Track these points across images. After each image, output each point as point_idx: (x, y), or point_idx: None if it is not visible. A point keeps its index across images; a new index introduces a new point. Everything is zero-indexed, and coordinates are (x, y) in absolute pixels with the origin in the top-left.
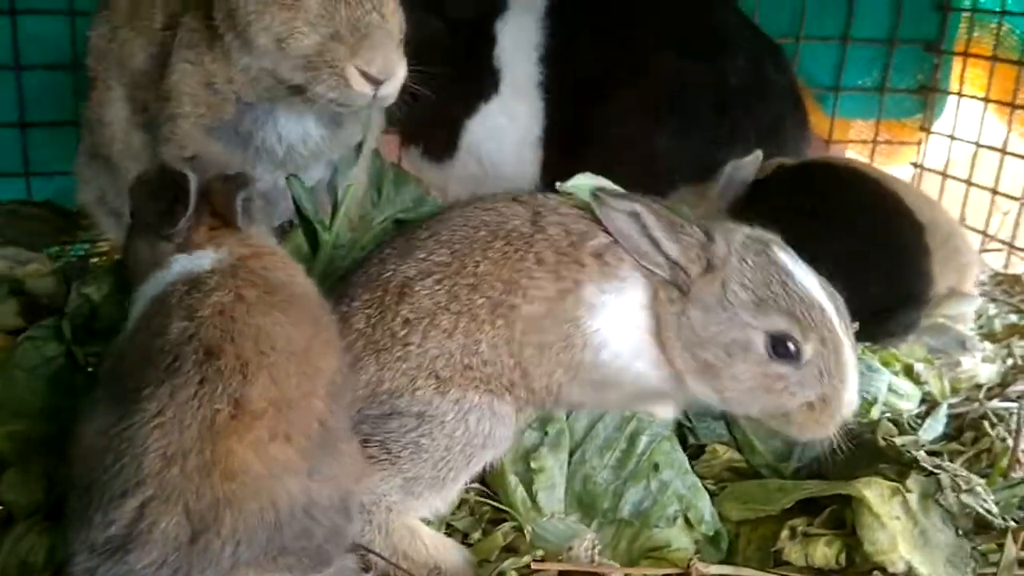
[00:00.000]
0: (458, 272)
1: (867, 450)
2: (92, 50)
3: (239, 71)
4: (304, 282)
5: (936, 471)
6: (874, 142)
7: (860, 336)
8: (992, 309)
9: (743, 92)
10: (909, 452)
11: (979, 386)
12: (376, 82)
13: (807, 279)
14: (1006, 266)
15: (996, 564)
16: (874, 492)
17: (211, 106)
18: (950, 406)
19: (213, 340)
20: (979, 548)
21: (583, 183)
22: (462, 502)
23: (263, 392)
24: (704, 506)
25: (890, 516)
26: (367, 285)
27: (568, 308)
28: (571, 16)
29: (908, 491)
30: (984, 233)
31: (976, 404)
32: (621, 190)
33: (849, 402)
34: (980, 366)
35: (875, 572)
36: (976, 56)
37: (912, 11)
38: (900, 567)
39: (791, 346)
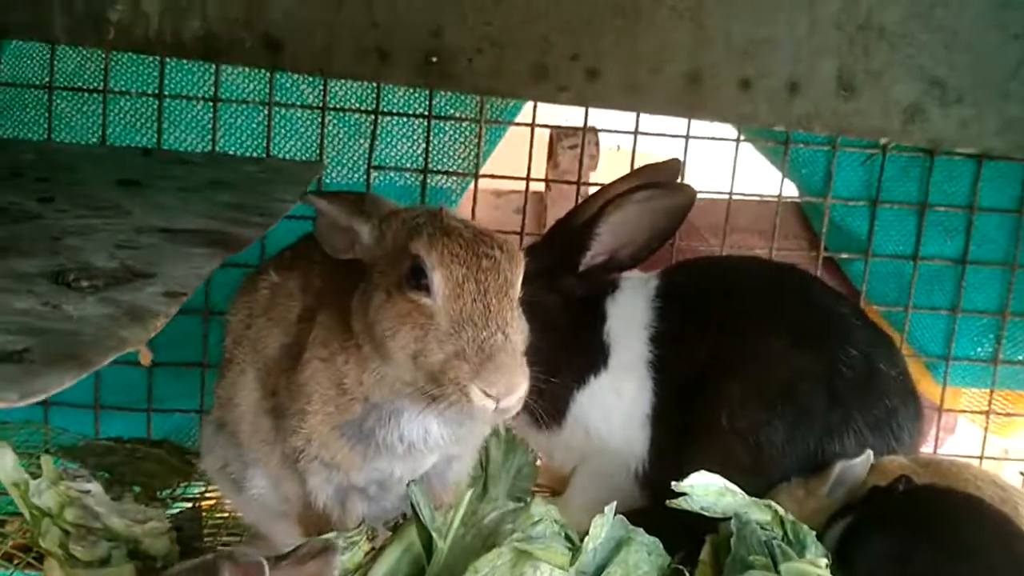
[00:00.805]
0: None
1: None
2: (230, 332)
3: (372, 376)
4: None
5: None
6: (988, 412)
7: None
8: None
9: (855, 383)
10: None
11: None
12: (497, 400)
13: None
14: None
15: None
16: None
17: (339, 406)
18: None
19: None
20: None
21: (700, 483)
22: None
23: None
24: None
25: None
26: None
27: None
28: (683, 299)
29: None
30: None
31: None
32: (739, 491)
33: None
34: None
35: None
36: None
37: None
38: None
39: None
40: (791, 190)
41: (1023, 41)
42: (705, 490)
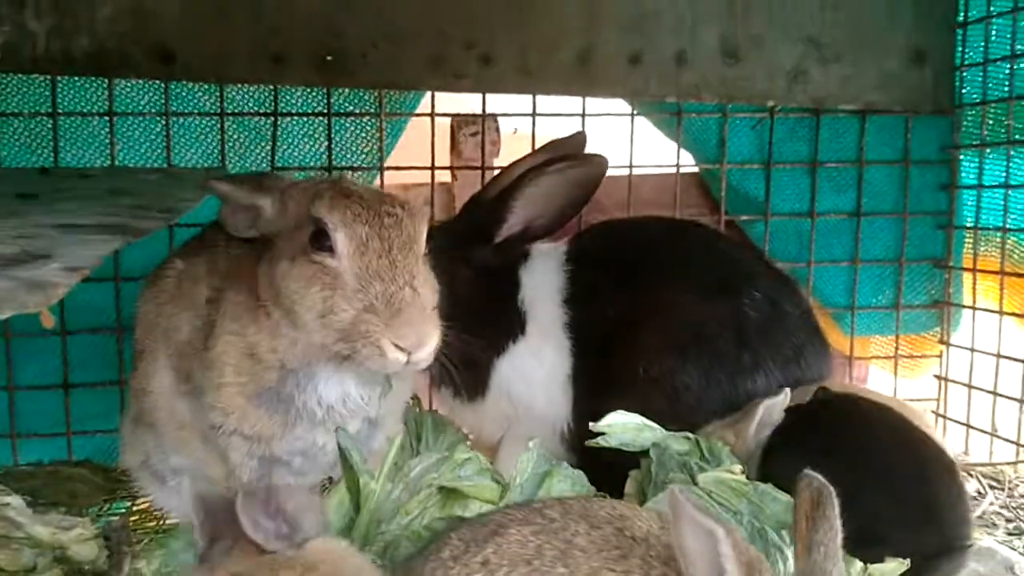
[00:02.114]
0: None
1: None
2: (139, 323)
3: (287, 343)
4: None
5: None
6: (895, 357)
7: None
8: None
9: (762, 325)
10: None
11: None
12: (409, 352)
13: None
14: None
15: None
16: None
17: (254, 375)
18: None
19: None
20: None
21: (617, 421)
22: None
23: None
24: None
25: None
26: None
27: None
28: (592, 261)
29: None
30: (1017, 443)
31: None
32: (657, 426)
33: None
34: None
35: None
36: (983, 271)
37: (918, 232)
38: None
39: None
40: (688, 160)
41: None
42: (624, 427)
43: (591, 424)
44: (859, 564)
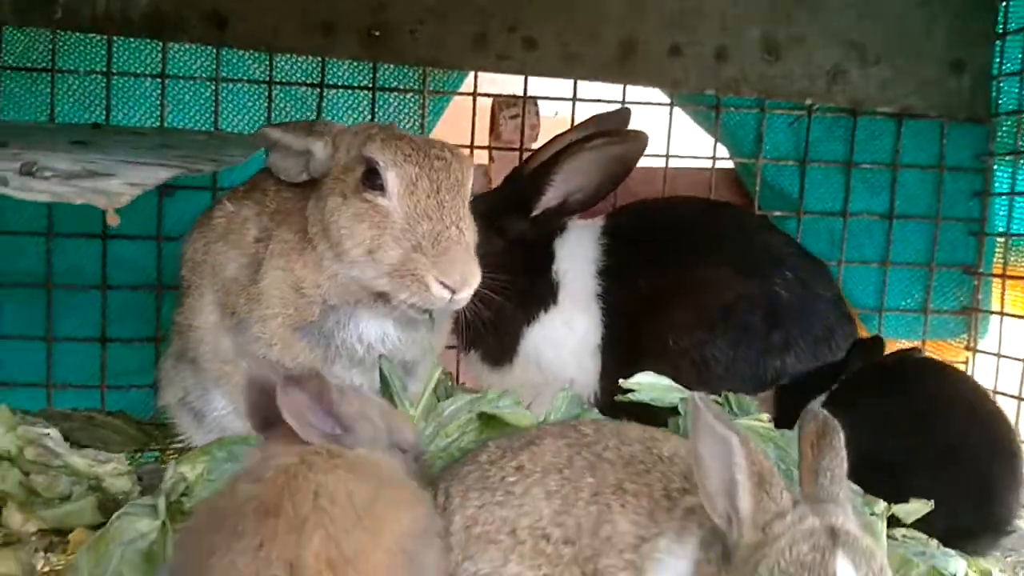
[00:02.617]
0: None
1: None
2: (187, 262)
3: (327, 277)
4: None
5: None
6: None
7: None
8: None
9: (793, 305)
10: None
11: None
12: (453, 290)
13: None
14: None
15: None
16: None
17: (298, 308)
18: None
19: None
20: None
21: (647, 381)
22: None
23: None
24: None
25: None
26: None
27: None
28: (627, 236)
29: None
30: None
31: None
32: (683, 389)
33: None
34: None
35: None
36: (1013, 278)
37: (949, 237)
38: None
39: None
40: (723, 155)
41: (929, 7)
42: (652, 386)
43: (621, 380)
44: (882, 503)
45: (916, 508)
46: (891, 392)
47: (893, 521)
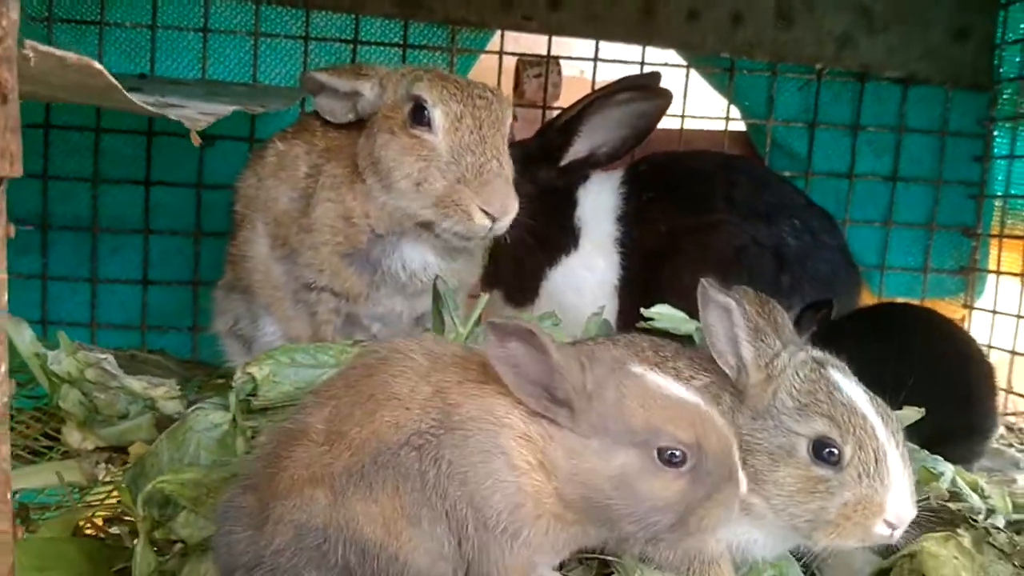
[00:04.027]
0: None
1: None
2: (241, 198)
3: (376, 208)
4: None
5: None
6: None
7: None
8: None
9: (800, 251)
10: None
11: None
12: (494, 218)
13: (854, 392)
14: None
15: None
16: (930, 542)
17: (348, 236)
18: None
19: None
20: None
21: (665, 312)
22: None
23: None
24: None
25: (949, 556)
26: None
27: None
28: (645, 184)
29: (961, 536)
30: None
31: None
32: (697, 321)
33: (893, 507)
34: None
35: None
36: (1010, 237)
37: (949, 199)
38: None
39: (832, 450)
40: (736, 116)
41: None
42: (671, 317)
43: (642, 310)
44: None
45: (908, 415)
46: (876, 327)
47: None
